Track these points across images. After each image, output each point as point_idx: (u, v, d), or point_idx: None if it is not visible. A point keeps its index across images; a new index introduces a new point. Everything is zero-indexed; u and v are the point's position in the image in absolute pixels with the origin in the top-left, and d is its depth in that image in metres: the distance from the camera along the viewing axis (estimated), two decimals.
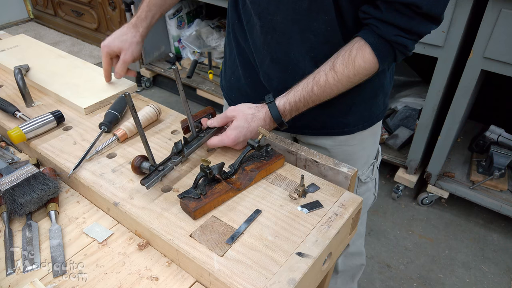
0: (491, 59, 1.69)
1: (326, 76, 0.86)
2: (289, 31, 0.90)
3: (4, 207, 0.81)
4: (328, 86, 0.87)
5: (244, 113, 0.90)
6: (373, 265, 1.95)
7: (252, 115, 0.89)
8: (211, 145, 0.91)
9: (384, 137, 2.39)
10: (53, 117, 1.00)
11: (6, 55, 1.34)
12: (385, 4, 0.80)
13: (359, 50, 0.84)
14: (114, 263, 0.73)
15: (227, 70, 1.14)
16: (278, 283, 0.64)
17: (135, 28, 1.11)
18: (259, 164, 0.85)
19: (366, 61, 0.84)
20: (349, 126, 1.05)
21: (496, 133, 2.06)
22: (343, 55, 0.85)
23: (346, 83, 0.87)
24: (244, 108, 0.91)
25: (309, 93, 0.88)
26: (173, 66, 0.83)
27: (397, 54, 0.86)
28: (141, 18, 1.12)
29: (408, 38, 0.83)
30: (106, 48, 1.09)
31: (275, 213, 0.77)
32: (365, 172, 1.17)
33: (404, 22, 0.80)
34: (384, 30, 0.82)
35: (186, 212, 0.77)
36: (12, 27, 4.52)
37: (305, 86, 0.88)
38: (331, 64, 0.86)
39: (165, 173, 0.82)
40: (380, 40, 0.83)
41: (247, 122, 0.89)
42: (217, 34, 3.09)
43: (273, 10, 0.88)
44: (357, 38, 0.86)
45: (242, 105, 0.92)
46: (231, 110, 0.91)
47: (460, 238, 2.08)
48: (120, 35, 1.10)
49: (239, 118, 0.89)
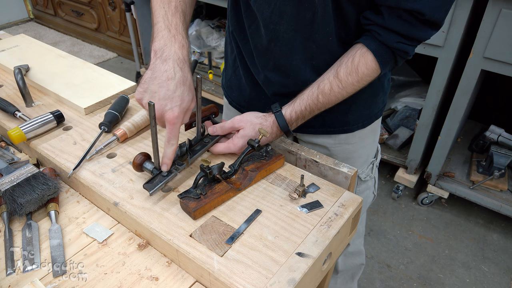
0: (491, 59, 1.69)
1: (331, 85, 0.88)
2: (292, 40, 0.91)
3: (4, 207, 0.81)
4: (333, 94, 0.88)
5: (252, 122, 0.90)
6: (373, 265, 1.95)
7: (260, 124, 0.90)
8: (217, 152, 0.91)
9: (384, 137, 2.39)
10: (53, 117, 1.00)
11: (6, 55, 1.34)
12: (388, 11, 0.81)
13: (362, 57, 0.85)
14: (114, 263, 0.73)
15: (228, 69, 1.14)
16: (278, 283, 0.64)
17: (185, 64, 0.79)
18: (259, 164, 0.85)
19: (368, 68, 0.85)
20: (349, 125, 1.06)
21: (496, 133, 2.06)
22: (346, 63, 0.86)
23: (351, 90, 0.88)
24: (251, 118, 0.91)
25: (314, 102, 0.89)
26: (197, 76, 0.78)
27: (397, 59, 0.87)
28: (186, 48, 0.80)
29: (409, 44, 0.84)
30: (182, 115, 0.76)
31: (275, 213, 0.77)
32: (364, 171, 1.17)
33: (405, 29, 0.81)
34: (386, 36, 0.83)
35: (186, 212, 0.77)
36: (12, 27, 4.52)
37: (310, 95, 0.89)
38: (334, 72, 0.87)
39: (169, 180, 0.82)
40: (381, 46, 0.84)
41: (254, 131, 0.89)
42: (217, 34, 3.09)
43: (276, 19, 0.89)
44: (359, 45, 0.86)
45: (249, 114, 0.92)
46: (239, 121, 0.91)
47: (460, 238, 2.08)
48: (183, 85, 0.76)
49: (247, 127, 0.90)
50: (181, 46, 0.79)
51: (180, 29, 0.81)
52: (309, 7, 0.84)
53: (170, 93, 0.75)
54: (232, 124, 0.91)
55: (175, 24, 0.81)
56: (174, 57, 0.77)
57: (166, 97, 0.75)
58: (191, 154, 0.88)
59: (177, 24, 0.81)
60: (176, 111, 0.75)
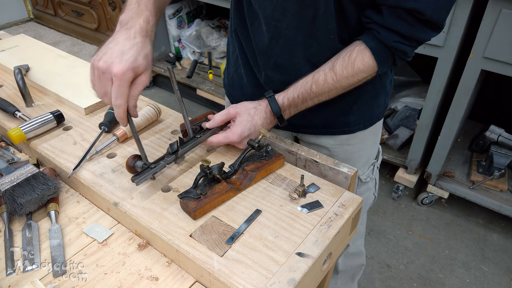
0: (491, 59, 1.69)
1: (325, 76, 0.88)
2: (294, 37, 0.91)
3: (4, 207, 0.81)
4: (326, 85, 0.88)
5: (247, 107, 0.92)
6: (373, 265, 1.95)
7: (255, 108, 0.92)
8: (216, 142, 0.90)
9: (384, 137, 2.39)
10: (53, 117, 1.00)
11: (6, 55, 1.34)
12: (387, 9, 0.81)
13: (359, 53, 0.85)
14: (114, 263, 0.73)
15: (230, 68, 1.15)
16: (278, 283, 0.64)
17: (148, 37, 0.80)
18: (259, 164, 0.85)
19: (365, 65, 0.86)
20: (350, 125, 1.06)
21: (496, 133, 2.06)
22: (343, 57, 0.87)
23: (345, 84, 0.88)
24: (246, 104, 0.93)
25: (307, 91, 0.90)
26: (168, 66, 0.83)
27: (396, 59, 0.87)
28: (152, 24, 0.82)
29: (407, 45, 0.84)
30: (131, 72, 0.73)
31: (275, 213, 0.77)
32: (365, 172, 1.17)
33: (404, 29, 0.81)
34: (384, 35, 0.83)
35: (186, 212, 0.77)
36: (12, 27, 4.52)
37: (304, 84, 0.90)
38: (331, 65, 0.88)
39: (156, 170, 0.81)
40: (380, 45, 0.84)
41: (250, 115, 0.91)
42: (217, 34, 3.09)
43: (278, 16, 0.89)
44: (358, 42, 0.87)
45: (244, 102, 0.95)
46: (234, 107, 0.93)
47: (460, 238, 2.08)
48: (140, 49, 0.76)
49: (242, 113, 0.91)
50: (147, 21, 0.80)
51: (150, 5, 0.82)
52: (310, 5, 0.84)
53: (125, 49, 0.74)
54: (228, 111, 0.92)
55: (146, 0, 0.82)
56: (137, 28, 0.78)
57: (118, 53, 0.73)
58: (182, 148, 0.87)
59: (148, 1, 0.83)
60: (125, 65, 0.72)
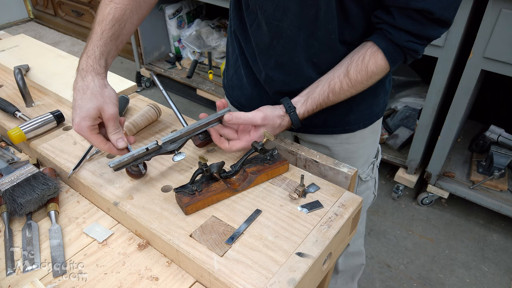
0: (491, 59, 1.69)
1: (341, 83, 0.89)
2: (295, 37, 0.91)
3: (4, 207, 0.81)
4: (342, 92, 0.90)
5: (274, 122, 0.90)
6: (373, 265, 1.95)
7: (279, 125, 0.92)
8: (237, 148, 0.89)
9: (384, 137, 2.39)
10: (53, 117, 1.00)
11: (6, 55, 1.34)
12: (398, 10, 0.81)
13: (372, 56, 0.86)
14: (114, 263, 0.73)
15: (229, 69, 1.14)
16: (278, 283, 0.64)
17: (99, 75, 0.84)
18: (261, 168, 0.85)
19: (378, 67, 0.87)
20: (350, 124, 1.06)
21: (496, 133, 2.06)
22: (356, 61, 0.87)
23: (360, 87, 0.90)
24: (273, 118, 0.90)
25: (325, 100, 0.91)
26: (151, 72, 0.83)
27: (407, 57, 0.88)
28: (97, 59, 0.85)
29: (419, 43, 0.85)
30: (86, 122, 0.79)
31: (275, 213, 0.77)
32: (365, 171, 1.18)
33: (415, 28, 0.82)
34: (396, 35, 0.84)
35: (179, 206, 0.77)
36: (12, 27, 4.52)
37: (321, 93, 0.91)
38: (345, 71, 0.89)
39: (134, 154, 0.79)
40: (392, 45, 0.85)
41: (273, 129, 0.91)
42: (217, 34, 3.09)
43: (279, 16, 0.89)
44: (369, 43, 0.87)
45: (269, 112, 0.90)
46: (263, 119, 0.88)
47: (460, 238, 2.08)
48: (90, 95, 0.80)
49: (268, 127, 0.90)
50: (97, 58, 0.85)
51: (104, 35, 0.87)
52: (312, 4, 0.84)
53: (75, 105, 0.81)
54: (253, 120, 0.88)
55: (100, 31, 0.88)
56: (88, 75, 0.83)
57: (74, 110, 0.81)
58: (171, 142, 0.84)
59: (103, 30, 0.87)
60: (77, 119, 0.80)
